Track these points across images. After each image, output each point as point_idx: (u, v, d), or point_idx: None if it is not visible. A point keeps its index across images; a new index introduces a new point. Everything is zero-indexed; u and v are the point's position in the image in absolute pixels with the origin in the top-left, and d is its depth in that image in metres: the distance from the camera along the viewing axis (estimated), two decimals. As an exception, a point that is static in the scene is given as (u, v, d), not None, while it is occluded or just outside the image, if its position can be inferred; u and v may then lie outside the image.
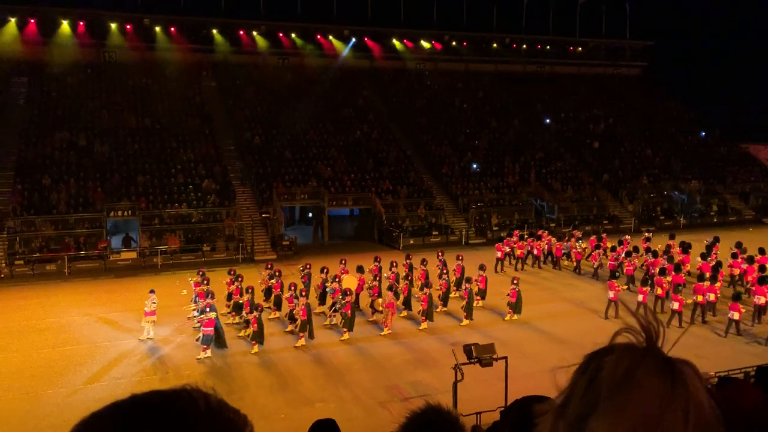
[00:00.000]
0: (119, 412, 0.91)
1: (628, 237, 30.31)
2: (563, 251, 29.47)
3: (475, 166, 41.98)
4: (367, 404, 15.39)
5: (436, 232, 35.76)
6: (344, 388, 16.26)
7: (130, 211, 32.39)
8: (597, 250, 27.92)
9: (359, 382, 16.69)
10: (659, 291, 21.76)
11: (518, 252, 29.66)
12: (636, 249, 27.48)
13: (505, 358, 14.05)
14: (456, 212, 38.42)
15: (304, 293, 19.87)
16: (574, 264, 28.71)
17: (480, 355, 13.89)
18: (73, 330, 20.59)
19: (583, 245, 29.03)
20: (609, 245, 28.78)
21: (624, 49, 59.65)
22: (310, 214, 40.12)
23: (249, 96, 43.96)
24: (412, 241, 34.38)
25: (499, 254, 29.06)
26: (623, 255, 26.73)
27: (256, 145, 39.24)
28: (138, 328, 20.11)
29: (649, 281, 22.27)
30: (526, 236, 30.98)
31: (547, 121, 49.25)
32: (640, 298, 20.74)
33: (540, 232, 31.31)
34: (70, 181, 33.10)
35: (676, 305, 20.37)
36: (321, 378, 16.91)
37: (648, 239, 30.18)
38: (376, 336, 20.08)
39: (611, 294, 21.48)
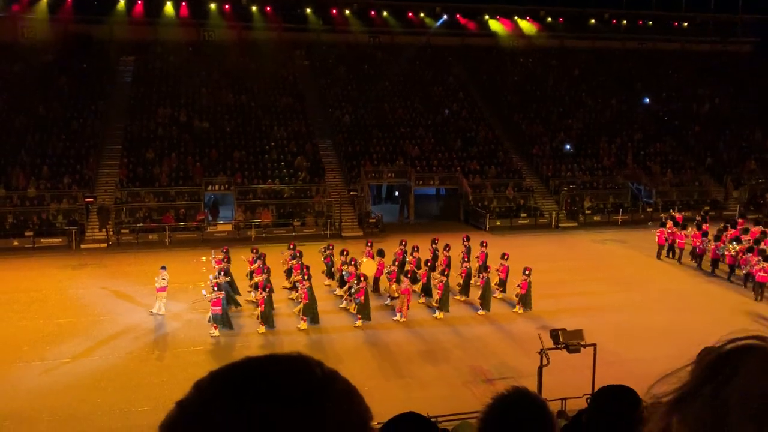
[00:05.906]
0: (237, 373, 0.91)
1: None
2: (718, 251, 25.14)
3: (568, 146, 40.65)
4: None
5: (525, 214, 35.08)
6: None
7: (226, 186, 33.78)
8: (749, 254, 22.98)
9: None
10: None
11: (678, 242, 26.96)
12: None
13: (594, 345, 13.69)
14: (546, 194, 37.47)
15: (307, 276, 19.36)
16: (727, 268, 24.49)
17: (567, 341, 13.60)
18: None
19: (737, 247, 24.21)
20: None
21: (735, 23, 55.56)
22: (397, 193, 40.31)
23: (340, 75, 44.45)
24: (498, 223, 33.91)
25: (678, 242, 27.01)
26: None
27: (346, 124, 39.76)
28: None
29: None
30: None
31: (647, 100, 46.87)
32: None
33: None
34: (172, 156, 34.84)
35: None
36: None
37: None
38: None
39: None
